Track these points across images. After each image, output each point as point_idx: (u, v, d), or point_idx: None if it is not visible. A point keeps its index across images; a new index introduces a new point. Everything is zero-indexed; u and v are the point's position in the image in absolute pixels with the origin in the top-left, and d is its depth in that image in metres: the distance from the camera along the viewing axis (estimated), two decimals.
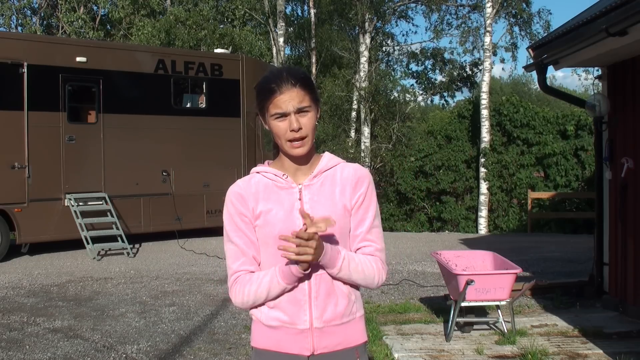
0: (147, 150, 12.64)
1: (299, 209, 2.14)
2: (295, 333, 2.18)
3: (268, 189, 2.23)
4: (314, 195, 2.21)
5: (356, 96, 24.70)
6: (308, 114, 2.19)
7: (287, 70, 2.22)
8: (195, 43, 24.05)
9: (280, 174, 2.23)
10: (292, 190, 2.22)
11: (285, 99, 2.15)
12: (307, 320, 2.18)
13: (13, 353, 5.76)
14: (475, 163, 21.16)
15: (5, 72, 10.99)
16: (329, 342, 2.20)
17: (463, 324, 6.10)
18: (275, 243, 2.14)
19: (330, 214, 2.15)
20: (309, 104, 2.19)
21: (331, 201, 2.21)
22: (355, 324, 2.25)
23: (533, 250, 11.86)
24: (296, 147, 2.18)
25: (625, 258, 6.59)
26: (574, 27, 6.25)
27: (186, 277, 9.34)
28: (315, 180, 2.23)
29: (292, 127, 2.15)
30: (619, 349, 5.37)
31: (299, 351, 2.19)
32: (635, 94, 6.51)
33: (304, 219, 2.07)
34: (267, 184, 2.24)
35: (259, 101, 2.21)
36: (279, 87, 2.15)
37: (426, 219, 21.96)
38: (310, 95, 2.20)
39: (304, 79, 2.20)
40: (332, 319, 2.19)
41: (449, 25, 25.89)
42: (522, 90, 48.07)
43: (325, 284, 2.18)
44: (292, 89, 2.16)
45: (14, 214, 11.11)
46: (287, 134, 2.16)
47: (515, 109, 20.46)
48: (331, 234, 2.16)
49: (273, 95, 2.16)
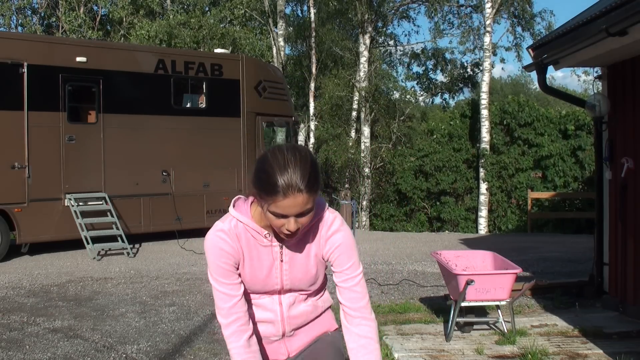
0: (147, 150, 12.64)
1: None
2: (269, 342, 2.37)
3: (250, 245, 2.21)
4: (293, 255, 2.24)
5: (356, 96, 24.69)
6: (309, 213, 2.06)
7: (294, 167, 1.99)
8: (195, 43, 24.05)
9: (262, 232, 2.19)
10: (274, 249, 2.22)
11: (288, 204, 1.99)
12: (279, 333, 2.35)
13: (13, 353, 5.76)
14: (475, 163, 21.17)
15: (5, 72, 10.99)
16: (302, 342, 2.39)
17: (463, 324, 6.10)
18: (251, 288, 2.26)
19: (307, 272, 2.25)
20: (311, 206, 2.04)
21: (307, 259, 2.25)
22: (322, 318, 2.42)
23: (533, 250, 11.86)
24: (288, 238, 2.14)
25: (625, 258, 6.59)
26: (574, 27, 6.25)
27: (186, 277, 9.34)
28: (295, 240, 2.21)
29: (289, 227, 2.04)
30: (619, 349, 5.37)
31: (277, 356, 2.38)
32: (635, 94, 6.51)
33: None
34: (249, 239, 2.20)
35: (258, 187, 2.04)
36: (285, 192, 1.97)
37: (426, 219, 21.98)
38: (313, 196, 2.03)
39: (311, 180, 2.00)
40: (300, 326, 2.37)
41: (451, 24, 25.93)
42: (522, 90, 48.07)
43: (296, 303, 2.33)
44: (297, 194, 1.98)
45: (14, 214, 11.11)
46: (281, 228, 2.07)
47: (520, 107, 20.50)
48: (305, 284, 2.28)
49: (275, 196, 1.98)
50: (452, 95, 28.07)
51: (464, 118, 22.03)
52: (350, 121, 25.91)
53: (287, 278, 2.25)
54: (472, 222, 20.96)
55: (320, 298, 2.41)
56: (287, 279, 2.25)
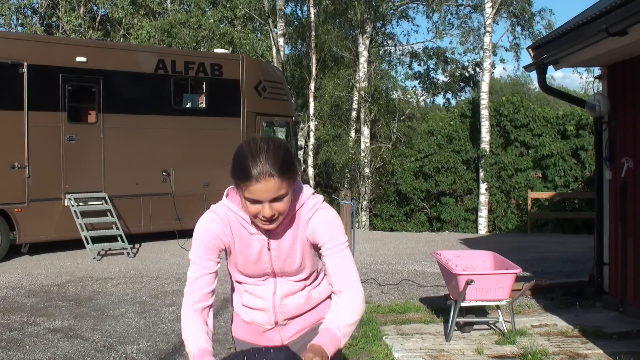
0: (147, 150, 12.64)
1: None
2: (263, 331, 2.43)
3: (240, 233, 2.29)
4: (280, 243, 2.29)
5: (356, 96, 24.69)
6: (284, 199, 2.11)
7: (266, 154, 2.06)
8: (195, 42, 24.05)
9: (250, 221, 2.25)
10: (261, 236, 2.28)
11: (260, 189, 2.05)
12: (272, 322, 2.40)
13: (13, 353, 5.76)
14: (474, 164, 21.16)
15: (5, 72, 10.99)
16: (293, 331, 2.43)
17: (463, 324, 6.10)
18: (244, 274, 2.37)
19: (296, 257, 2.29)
20: (285, 191, 2.09)
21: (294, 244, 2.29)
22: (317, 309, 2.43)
23: (533, 250, 11.86)
24: (266, 226, 2.17)
25: (625, 258, 6.59)
26: (574, 27, 6.26)
27: (186, 277, 9.33)
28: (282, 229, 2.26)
29: (264, 214, 2.10)
30: (619, 349, 5.37)
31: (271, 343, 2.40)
32: (635, 94, 6.51)
33: None
34: (239, 228, 2.29)
35: (233, 175, 2.13)
36: (256, 176, 2.04)
37: (426, 219, 21.98)
38: (287, 181, 2.08)
39: (283, 167, 2.06)
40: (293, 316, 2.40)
41: (450, 24, 25.93)
42: (521, 90, 48.06)
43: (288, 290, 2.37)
44: (269, 179, 2.04)
45: (14, 214, 11.11)
46: (258, 218, 2.14)
47: (515, 109, 20.45)
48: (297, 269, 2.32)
49: (248, 181, 2.05)
50: (454, 95, 28.08)
51: (464, 118, 22.02)
52: (350, 121, 25.91)
53: (277, 264, 2.32)
54: (472, 223, 20.96)
55: (316, 289, 2.43)
56: (277, 264, 2.32)
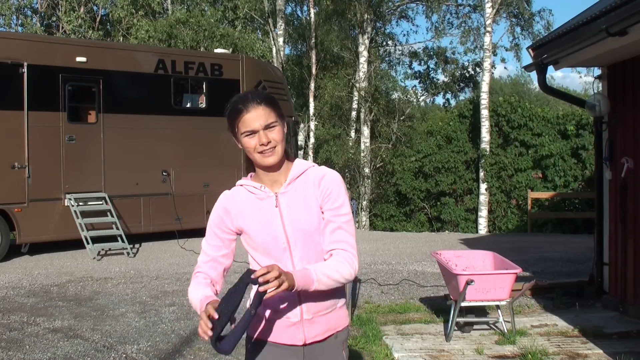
0: (147, 150, 12.64)
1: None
2: (288, 325, 2.44)
3: (250, 202, 2.49)
4: (290, 202, 2.45)
5: (356, 96, 24.69)
6: (275, 128, 2.42)
7: (252, 92, 2.48)
8: (195, 44, 24.05)
9: (258, 186, 2.49)
10: (270, 199, 2.47)
11: (252, 117, 2.39)
12: (298, 313, 2.43)
13: (13, 353, 5.76)
14: (474, 164, 21.16)
15: (5, 72, 10.99)
16: (317, 331, 2.46)
17: (463, 324, 6.10)
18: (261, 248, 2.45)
19: (307, 216, 2.43)
20: (274, 120, 2.42)
21: (305, 204, 2.45)
22: (337, 312, 2.52)
23: (533, 250, 11.86)
24: (267, 156, 2.42)
25: (625, 258, 6.59)
26: (574, 27, 6.26)
27: (186, 277, 9.34)
28: (290, 188, 2.47)
29: (262, 141, 2.40)
30: (619, 349, 5.38)
31: (292, 341, 2.44)
32: (635, 94, 6.51)
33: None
34: (250, 198, 2.49)
35: (230, 122, 2.46)
36: (246, 106, 2.39)
37: (426, 219, 21.97)
38: (275, 112, 2.42)
39: (267, 98, 2.45)
40: (318, 310, 2.45)
41: (450, 24, 25.93)
42: (521, 90, 48.06)
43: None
44: (257, 107, 2.39)
45: (14, 214, 11.11)
46: (257, 147, 2.41)
47: (512, 109, 20.43)
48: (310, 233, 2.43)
49: (241, 114, 2.40)
50: (454, 95, 28.06)
51: (463, 118, 22.01)
52: (350, 121, 25.92)
53: (288, 223, 2.43)
54: (472, 223, 20.95)
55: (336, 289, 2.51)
56: (288, 223, 2.43)
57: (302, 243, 2.43)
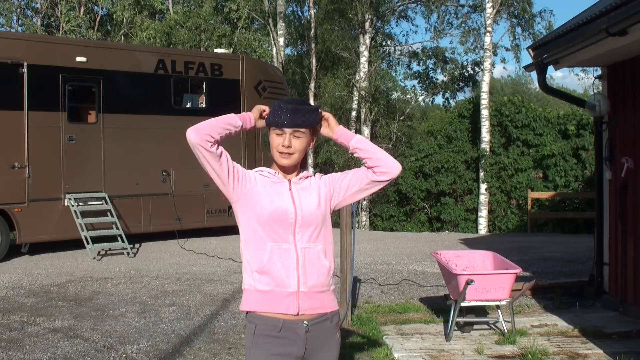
0: (147, 150, 12.64)
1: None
2: (284, 295, 2.63)
3: (265, 183, 2.76)
4: (300, 189, 2.74)
5: (356, 96, 24.69)
6: (300, 138, 2.69)
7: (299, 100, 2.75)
8: (195, 44, 24.04)
9: (272, 172, 2.78)
10: (284, 183, 2.75)
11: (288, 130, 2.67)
12: (294, 284, 2.63)
13: (13, 353, 5.77)
14: (475, 164, 21.15)
15: (5, 72, 10.99)
16: (310, 305, 2.66)
17: (463, 324, 6.10)
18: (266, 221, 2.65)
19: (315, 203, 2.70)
20: (304, 131, 2.69)
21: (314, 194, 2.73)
22: (329, 294, 2.75)
23: (533, 250, 11.86)
24: (283, 158, 2.70)
25: (625, 258, 6.59)
26: (574, 27, 6.26)
27: (186, 277, 9.34)
28: (301, 181, 2.77)
29: (284, 143, 2.68)
30: (619, 349, 5.38)
31: (287, 310, 2.62)
32: (635, 94, 6.51)
33: None
34: (265, 180, 2.77)
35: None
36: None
37: (426, 219, 21.96)
38: (309, 130, 2.71)
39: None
40: (314, 285, 2.67)
41: (450, 24, 25.92)
42: (521, 90, 48.06)
43: (309, 257, 2.66)
44: (297, 128, 2.67)
45: (14, 213, 11.10)
46: (279, 147, 2.69)
47: (516, 109, 20.44)
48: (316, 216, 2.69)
49: (281, 127, 2.67)
50: (453, 94, 28.05)
51: (462, 118, 22.01)
52: (350, 121, 25.92)
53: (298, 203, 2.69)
54: (472, 223, 20.94)
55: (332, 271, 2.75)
56: (298, 203, 2.69)
57: (307, 224, 2.66)
